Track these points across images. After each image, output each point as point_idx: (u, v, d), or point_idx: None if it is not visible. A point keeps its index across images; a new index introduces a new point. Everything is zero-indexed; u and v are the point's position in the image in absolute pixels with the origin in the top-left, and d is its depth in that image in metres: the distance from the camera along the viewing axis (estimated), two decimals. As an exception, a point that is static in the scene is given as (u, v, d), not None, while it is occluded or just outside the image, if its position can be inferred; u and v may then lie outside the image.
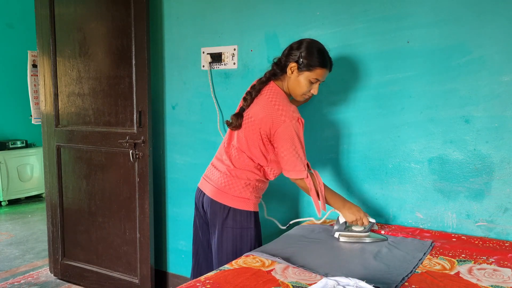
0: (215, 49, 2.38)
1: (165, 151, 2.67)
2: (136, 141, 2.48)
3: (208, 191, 1.78)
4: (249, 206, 1.74)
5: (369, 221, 1.73)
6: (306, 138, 2.14)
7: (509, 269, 1.42)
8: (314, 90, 1.74)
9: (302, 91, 1.73)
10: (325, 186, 1.73)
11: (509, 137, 1.71)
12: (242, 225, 1.73)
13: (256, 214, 1.77)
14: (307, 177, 1.68)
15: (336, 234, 1.75)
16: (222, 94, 2.40)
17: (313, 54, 1.67)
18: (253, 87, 1.76)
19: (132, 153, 2.49)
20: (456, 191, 1.83)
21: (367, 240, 1.71)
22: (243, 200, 1.72)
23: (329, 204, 1.75)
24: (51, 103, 2.80)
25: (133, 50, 2.43)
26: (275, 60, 1.78)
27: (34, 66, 3.44)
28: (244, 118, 1.72)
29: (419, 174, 1.90)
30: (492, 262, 1.48)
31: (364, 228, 1.74)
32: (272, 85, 1.74)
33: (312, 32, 2.08)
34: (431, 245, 1.65)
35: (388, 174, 1.97)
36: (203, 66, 2.43)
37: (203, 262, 1.89)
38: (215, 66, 2.39)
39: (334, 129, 2.07)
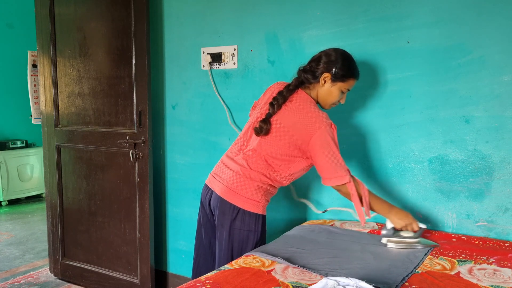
0: (215, 49, 2.38)
1: (165, 151, 2.67)
2: (136, 141, 2.48)
3: (218, 190, 1.74)
4: (259, 209, 1.71)
5: (419, 227, 1.65)
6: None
7: (509, 269, 1.42)
8: (343, 100, 1.78)
9: (333, 101, 1.74)
10: (369, 191, 1.68)
11: (509, 137, 1.71)
12: (249, 228, 1.70)
13: (263, 217, 1.75)
14: (350, 181, 1.63)
15: (384, 240, 1.66)
16: (222, 94, 2.40)
17: (348, 66, 1.69)
18: (280, 93, 1.72)
19: (132, 153, 2.49)
20: (456, 191, 1.83)
21: (418, 246, 1.62)
22: (253, 202, 1.69)
23: (373, 210, 1.70)
24: (51, 103, 2.80)
25: (133, 50, 2.43)
26: (301, 68, 1.76)
27: (34, 66, 3.44)
28: (271, 124, 1.69)
29: (419, 174, 1.90)
30: (492, 262, 1.48)
31: (414, 234, 1.64)
32: (300, 92, 1.73)
33: (312, 32, 2.08)
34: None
35: (388, 174, 1.97)
36: (203, 66, 2.43)
37: (203, 262, 1.87)
38: (215, 66, 2.39)
39: (334, 129, 2.07)
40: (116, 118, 2.56)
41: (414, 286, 1.29)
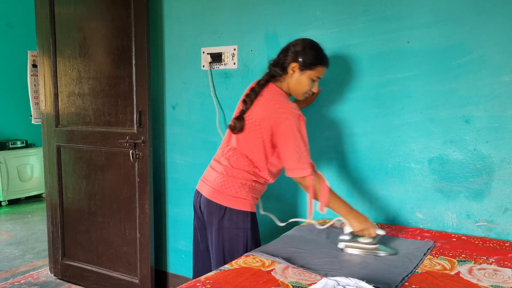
0: (215, 49, 2.38)
1: (165, 151, 2.67)
2: (136, 141, 2.48)
3: (205, 192, 1.77)
4: (246, 206, 1.72)
5: (377, 233, 1.61)
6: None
7: (509, 269, 1.42)
8: (315, 88, 1.77)
9: (304, 90, 1.74)
10: (331, 190, 1.67)
11: (509, 137, 1.71)
12: (238, 225, 1.71)
13: (253, 214, 1.76)
14: (310, 175, 1.64)
15: (341, 245, 1.62)
16: (222, 94, 2.40)
17: (313, 53, 1.70)
18: (252, 89, 1.75)
19: (132, 153, 2.49)
20: (456, 191, 1.83)
21: (376, 253, 1.57)
22: (239, 200, 1.71)
23: (332, 209, 1.68)
24: (51, 103, 2.80)
25: (133, 50, 2.43)
26: (271, 62, 1.78)
27: (34, 66, 3.45)
28: (245, 121, 1.71)
29: (419, 174, 1.90)
30: (492, 262, 1.48)
31: (373, 239, 1.60)
32: (271, 86, 1.74)
33: (312, 32, 2.08)
34: (431, 246, 1.65)
35: (388, 174, 1.97)
36: (203, 66, 2.43)
37: (202, 267, 1.88)
38: (215, 66, 2.39)
39: (334, 129, 2.07)
40: (116, 118, 2.56)
41: (414, 286, 1.29)
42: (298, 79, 1.72)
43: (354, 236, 1.64)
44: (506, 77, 1.70)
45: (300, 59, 1.68)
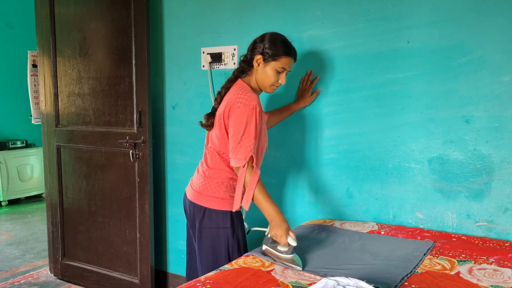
0: (215, 49, 2.38)
1: (165, 151, 2.67)
2: (136, 141, 2.48)
3: (189, 194, 1.82)
4: (224, 206, 1.73)
5: (289, 243, 1.50)
6: (307, 138, 2.15)
7: (509, 269, 1.42)
8: (282, 80, 1.76)
9: (270, 82, 1.75)
10: (261, 188, 1.60)
11: (509, 137, 1.71)
12: (218, 225, 1.73)
13: (233, 213, 1.75)
14: (243, 166, 1.60)
15: (264, 247, 1.58)
16: (222, 94, 2.40)
17: (276, 44, 1.71)
18: (222, 87, 1.78)
19: (132, 153, 2.49)
20: (456, 191, 1.83)
21: (283, 263, 1.49)
22: (217, 199, 1.73)
23: (259, 206, 1.61)
24: (51, 103, 2.80)
25: (133, 50, 2.43)
26: (241, 58, 1.80)
27: (34, 66, 3.45)
28: (215, 117, 1.75)
29: (419, 174, 1.90)
30: (492, 262, 1.48)
31: (288, 249, 1.50)
32: (239, 81, 1.77)
33: (312, 32, 2.08)
34: (431, 245, 1.65)
35: (388, 174, 1.97)
36: (203, 66, 2.43)
37: (194, 263, 1.91)
38: (215, 66, 2.39)
39: (334, 129, 2.07)
40: (116, 118, 2.56)
41: (413, 286, 1.29)
42: (263, 71, 1.73)
43: (274, 241, 1.56)
44: (506, 77, 1.70)
45: (264, 51, 1.71)
